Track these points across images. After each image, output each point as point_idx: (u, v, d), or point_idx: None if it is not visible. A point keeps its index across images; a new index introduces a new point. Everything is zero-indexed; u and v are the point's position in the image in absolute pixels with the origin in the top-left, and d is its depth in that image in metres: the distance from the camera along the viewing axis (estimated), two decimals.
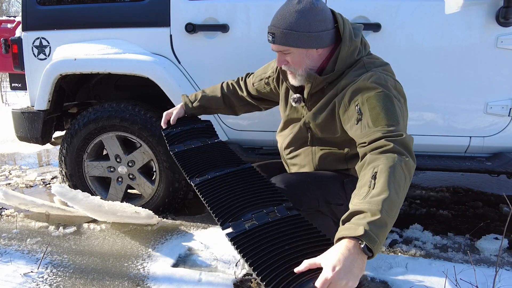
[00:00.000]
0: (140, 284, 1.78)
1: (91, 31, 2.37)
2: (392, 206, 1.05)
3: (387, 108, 1.28)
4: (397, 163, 1.13)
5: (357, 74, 1.40)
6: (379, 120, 1.26)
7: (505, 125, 2.04)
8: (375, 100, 1.30)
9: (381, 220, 1.00)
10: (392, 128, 1.23)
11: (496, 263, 1.73)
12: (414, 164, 1.20)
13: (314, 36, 1.38)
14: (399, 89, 1.39)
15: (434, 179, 3.34)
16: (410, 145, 1.22)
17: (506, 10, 1.86)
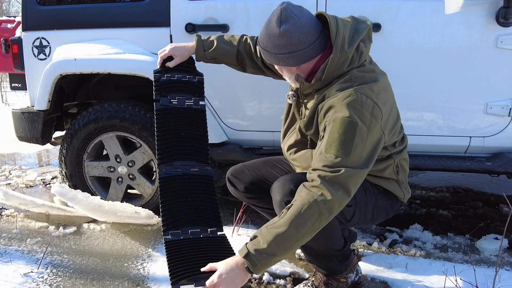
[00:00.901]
0: (140, 284, 1.78)
1: (91, 31, 2.37)
2: (286, 240, 1.27)
3: (344, 137, 1.31)
4: (314, 202, 1.27)
5: (341, 88, 1.38)
6: (331, 148, 1.32)
7: (505, 125, 2.04)
8: (338, 124, 1.33)
9: (266, 250, 1.27)
10: (338, 160, 1.30)
11: (496, 263, 1.73)
12: (339, 200, 1.28)
13: (283, 58, 1.41)
14: (375, 114, 1.35)
15: (434, 179, 3.34)
16: (345, 181, 1.29)
17: (506, 10, 1.86)
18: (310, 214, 1.27)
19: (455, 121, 2.09)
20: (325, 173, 1.30)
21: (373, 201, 1.58)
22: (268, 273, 1.83)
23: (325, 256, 1.61)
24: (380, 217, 1.65)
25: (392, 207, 1.66)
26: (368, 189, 1.56)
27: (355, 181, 1.32)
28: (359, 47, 1.42)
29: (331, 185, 1.28)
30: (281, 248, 1.28)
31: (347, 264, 1.65)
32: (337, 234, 1.58)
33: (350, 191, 1.31)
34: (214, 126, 2.32)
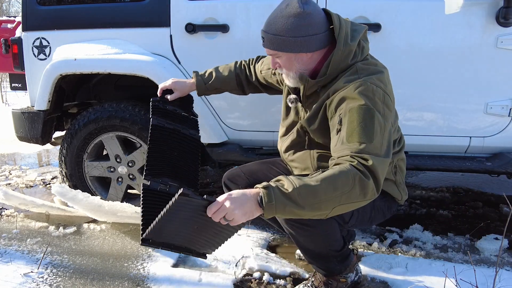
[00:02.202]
0: (140, 284, 1.78)
1: (91, 31, 2.37)
2: (311, 195, 1.16)
3: (364, 124, 1.29)
4: (353, 173, 1.20)
5: (348, 80, 1.38)
6: (353, 136, 1.28)
7: (505, 125, 2.04)
8: (356, 113, 1.31)
9: (288, 193, 1.14)
10: (363, 147, 1.26)
11: (496, 263, 1.73)
12: (372, 186, 1.22)
13: (300, 41, 1.38)
14: (387, 103, 1.36)
15: (434, 179, 3.34)
16: (375, 170, 1.23)
17: (506, 10, 1.86)
18: (345, 182, 1.18)
19: (455, 121, 2.09)
20: (354, 159, 1.23)
21: (371, 203, 1.56)
22: (268, 273, 1.83)
23: (324, 257, 1.61)
24: (377, 218, 1.65)
25: (390, 208, 1.66)
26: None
27: (382, 171, 1.26)
28: (360, 43, 1.44)
29: (363, 172, 1.22)
30: (301, 198, 1.15)
31: (347, 264, 1.65)
32: (336, 235, 1.58)
33: (380, 180, 1.24)
34: (214, 126, 2.32)
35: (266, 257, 1.97)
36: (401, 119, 1.84)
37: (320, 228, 1.50)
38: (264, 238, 2.21)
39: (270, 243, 2.18)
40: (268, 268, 1.87)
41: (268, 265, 1.88)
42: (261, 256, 1.97)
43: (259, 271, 1.85)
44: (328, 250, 1.58)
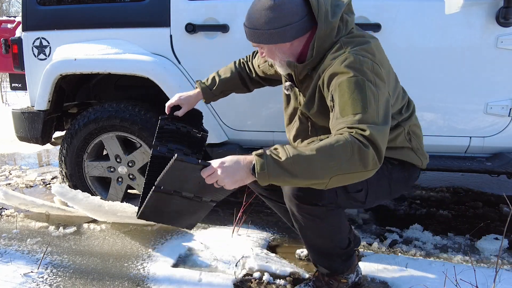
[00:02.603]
0: (140, 284, 1.78)
1: (91, 31, 2.37)
2: (304, 164, 1.16)
3: (356, 95, 1.26)
4: (351, 142, 1.17)
5: (335, 56, 1.37)
6: (346, 109, 1.26)
7: (505, 125, 2.04)
8: (345, 86, 1.29)
9: (281, 162, 1.16)
10: (358, 117, 1.23)
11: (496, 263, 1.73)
12: (373, 155, 1.19)
13: (276, 33, 1.39)
14: (376, 72, 1.32)
15: (434, 179, 3.34)
16: (374, 139, 1.19)
17: (506, 10, 1.86)
18: (342, 151, 1.16)
19: (455, 121, 2.09)
20: (351, 130, 1.22)
21: (386, 177, 1.54)
22: (268, 273, 1.83)
23: (329, 255, 1.61)
24: (399, 189, 1.63)
25: (411, 176, 1.63)
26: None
27: (382, 139, 1.23)
28: (343, 17, 1.42)
29: (362, 141, 1.19)
30: (296, 169, 1.16)
31: (349, 264, 1.65)
32: (343, 231, 1.58)
33: (380, 149, 1.21)
34: (214, 126, 2.32)
35: (266, 257, 1.97)
36: None
37: (328, 221, 1.50)
38: (264, 238, 2.20)
39: (270, 243, 2.18)
40: (268, 268, 1.87)
41: (268, 265, 1.88)
42: (261, 256, 1.97)
43: (259, 271, 1.85)
44: (333, 246, 1.58)
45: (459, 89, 2.05)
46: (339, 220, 1.55)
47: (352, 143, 1.18)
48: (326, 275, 1.66)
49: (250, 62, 1.88)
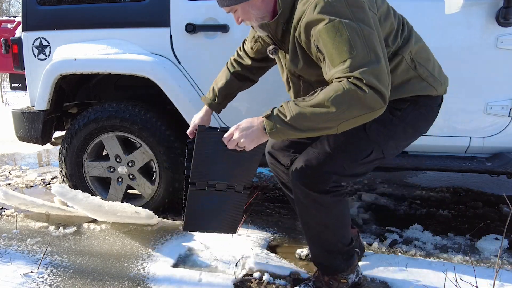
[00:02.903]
0: (140, 284, 1.78)
1: (91, 31, 2.37)
2: (308, 119, 1.24)
3: (338, 42, 1.22)
4: (347, 90, 1.19)
5: (304, 3, 1.32)
6: (333, 59, 1.24)
7: (505, 125, 2.04)
8: (324, 35, 1.25)
9: (287, 121, 1.26)
10: (348, 63, 1.20)
11: (496, 263, 1.73)
12: (372, 97, 1.18)
13: None
14: (350, 3, 1.25)
15: (434, 179, 3.34)
16: (370, 81, 1.18)
17: (506, 10, 1.86)
18: (341, 100, 1.19)
19: (455, 121, 2.09)
20: (344, 78, 1.21)
21: (400, 125, 1.50)
22: (268, 273, 1.83)
23: (331, 251, 1.61)
24: (421, 127, 1.57)
25: (430, 110, 1.56)
26: (386, 121, 1.46)
27: (378, 78, 1.20)
28: None
29: (359, 85, 1.19)
30: (302, 124, 1.26)
31: (350, 263, 1.66)
32: (346, 225, 1.59)
33: (380, 88, 1.19)
34: (214, 125, 2.31)
35: (266, 257, 1.97)
36: None
37: (333, 212, 1.53)
38: (264, 238, 2.20)
39: (270, 243, 2.18)
40: (268, 268, 1.87)
41: (268, 265, 1.88)
42: (261, 256, 1.97)
43: (259, 271, 1.85)
44: (336, 242, 1.59)
45: (459, 89, 2.04)
46: (343, 213, 1.56)
47: (349, 91, 1.18)
48: (326, 274, 1.66)
49: (242, 52, 1.83)
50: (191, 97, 2.27)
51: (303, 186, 1.50)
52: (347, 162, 1.48)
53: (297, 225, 2.42)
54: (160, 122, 2.33)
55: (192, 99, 2.27)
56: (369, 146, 1.47)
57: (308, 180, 1.49)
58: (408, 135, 1.55)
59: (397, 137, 1.52)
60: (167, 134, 2.33)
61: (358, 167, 1.52)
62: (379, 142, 1.48)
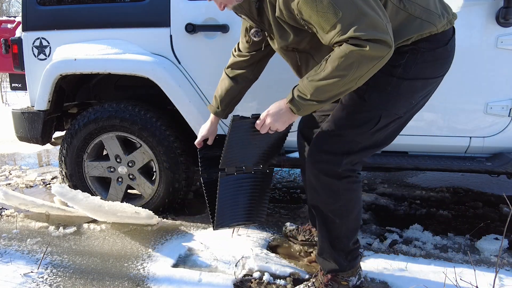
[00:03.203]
0: (140, 284, 1.78)
1: (91, 31, 2.37)
2: (326, 91, 1.30)
3: (320, 8, 1.23)
4: (347, 53, 1.21)
5: None
6: (323, 27, 1.25)
7: (505, 125, 2.04)
8: (305, 7, 1.25)
9: (308, 99, 1.32)
10: (339, 27, 1.22)
11: (496, 263, 1.73)
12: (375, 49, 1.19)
13: None
14: None
15: (434, 179, 3.34)
16: (366, 35, 1.18)
17: (506, 10, 1.85)
18: (348, 64, 1.23)
19: (455, 121, 2.09)
20: (341, 42, 1.23)
21: (404, 82, 1.42)
22: (268, 273, 1.83)
23: (335, 246, 1.60)
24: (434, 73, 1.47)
25: (440, 52, 1.44)
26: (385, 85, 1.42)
27: (374, 26, 1.20)
28: None
29: (359, 41, 1.20)
30: (322, 96, 1.31)
31: (353, 265, 1.64)
32: (356, 217, 1.59)
33: (377, 36, 1.19)
34: None
35: (266, 257, 1.97)
36: None
37: (343, 200, 1.54)
38: (264, 238, 2.20)
39: (270, 243, 2.18)
40: (268, 268, 1.87)
41: (268, 265, 1.88)
42: (261, 256, 1.97)
43: (259, 271, 1.85)
44: (342, 236, 1.58)
45: (459, 89, 2.04)
46: (353, 204, 1.56)
47: (352, 53, 1.21)
48: (327, 273, 1.65)
49: (237, 52, 1.81)
50: (191, 97, 2.27)
51: (315, 169, 1.52)
52: (357, 137, 1.47)
53: (297, 225, 2.42)
54: (160, 122, 2.33)
55: (192, 99, 2.27)
56: (375, 114, 1.44)
57: (319, 162, 1.51)
58: (419, 87, 1.47)
59: (406, 95, 1.46)
60: (167, 134, 2.33)
61: (371, 137, 1.49)
62: (384, 107, 1.44)
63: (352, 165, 1.53)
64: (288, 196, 2.99)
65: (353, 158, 1.51)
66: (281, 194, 3.04)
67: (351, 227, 1.60)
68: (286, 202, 2.85)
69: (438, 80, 1.52)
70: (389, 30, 1.23)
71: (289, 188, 3.19)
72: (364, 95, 1.43)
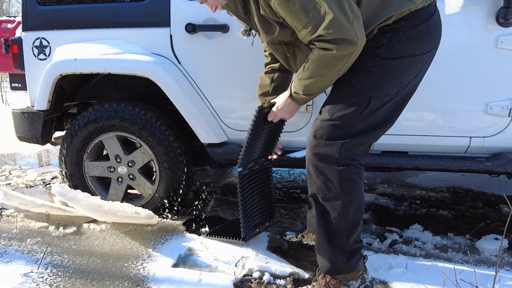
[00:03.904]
0: (140, 284, 1.78)
1: (91, 31, 2.37)
2: (315, 87, 1.50)
3: (293, 12, 1.38)
4: (321, 57, 1.39)
5: None
6: (296, 26, 1.41)
7: (505, 125, 2.04)
8: (280, 8, 1.40)
9: (302, 95, 1.54)
10: (310, 28, 1.37)
11: (496, 263, 1.73)
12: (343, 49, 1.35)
13: None
14: None
15: (434, 179, 3.34)
16: (333, 35, 1.33)
17: (506, 10, 1.86)
18: (325, 65, 1.41)
19: (455, 121, 2.09)
20: (313, 45, 1.40)
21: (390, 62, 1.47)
22: (268, 273, 1.83)
23: (333, 244, 1.57)
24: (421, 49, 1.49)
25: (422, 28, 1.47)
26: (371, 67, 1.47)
27: (339, 25, 1.33)
28: None
29: (327, 44, 1.36)
30: (314, 89, 1.51)
31: (352, 266, 1.59)
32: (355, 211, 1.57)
33: (343, 36, 1.34)
34: (214, 126, 2.32)
35: (266, 257, 1.97)
36: (401, 119, 1.83)
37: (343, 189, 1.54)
38: (264, 238, 2.20)
39: (270, 243, 2.18)
40: (268, 268, 1.87)
41: (268, 265, 1.88)
42: (261, 256, 1.97)
43: (259, 271, 1.85)
44: (340, 232, 1.56)
45: (459, 89, 2.05)
46: (352, 196, 1.55)
47: (322, 57, 1.39)
48: (324, 273, 1.63)
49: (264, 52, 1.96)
50: (191, 97, 2.27)
51: (312, 155, 1.56)
52: (351, 121, 1.51)
53: (297, 224, 2.42)
54: (160, 122, 2.33)
55: (192, 99, 2.27)
56: (365, 97, 1.49)
57: (315, 147, 1.54)
58: (406, 66, 1.49)
59: (394, 74, 1.48)
60: (167, 134, 2.33)
61: (366, 120, 1.51)
62: (373, 88, 1.49)
63: (352, 153, 1.53)
64: (288, 196, 2.99)
65: (351, 144, 1.52)
66: (281, 194, 3.04)
67: (351, 222, 1.56)
68: (286, 202, 2.85)
69: (426, 57, 1.54)
70: (355, 26, 1.35)
71: (289, 188, 3.19)
72: (352, 79, 1.50)
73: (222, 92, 2.31)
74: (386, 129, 1.60)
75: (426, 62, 1.57)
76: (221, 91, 2.30)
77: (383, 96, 1.50)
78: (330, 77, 1.45)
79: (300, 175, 3.52)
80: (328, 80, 1.47)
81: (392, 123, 1.61)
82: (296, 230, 2.35)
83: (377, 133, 1.57)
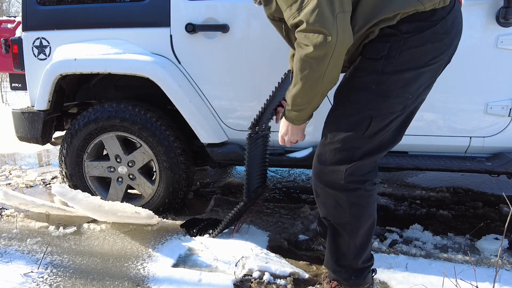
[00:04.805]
0: (140, 284, 1.78)
1: (91, 31, 2.37)
2: (304, 99, 1.39)
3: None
4: (300, 59, 1.30)
5: None
6: (282, 5, 1.33)
7: (505, 125, 2.04)
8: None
9: (293, 111, 1.46)
10: (294, 9, 1.27)
11: (496, 263, 1.73)
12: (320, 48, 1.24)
13: None
14: None
15: (434, 179, 3.34)
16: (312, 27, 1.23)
17: (506, 10, 1.85)
18: (305, 68, 1.30)
19: (455, 121, 2.09)
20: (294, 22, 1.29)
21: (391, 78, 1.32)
22: (269, 273, 1.83)
23: (340, 264, 1.55)
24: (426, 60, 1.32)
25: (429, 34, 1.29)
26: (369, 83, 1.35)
27: (323, 16, 1.21)
28: None
29: (305, 38, 1.26)
30: (301, 102, 1.41)
31: (360, 281, 1.56)
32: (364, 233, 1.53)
33: (321, 30, 1.22)
34: (214, 126, 2.32)
35: (266, 257, 1.97)
36: None
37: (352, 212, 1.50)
38: (264, 238, 2.20)
39: (270, 243, 2.18)
40: (268, 268, 1.87)
41: (268, 265, 1.88)
42: (261, 256, 1.97)
43: (259, 271, 1.85)
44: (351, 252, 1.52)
45: (459, 89, 2.04)
46: (362, 220, 1.50)
47: (301, 58, 1.29)
48: (332, 279, 1.62)
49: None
50: (191, 97, 2.27)
51: (319, 181, 1.50)
52: (354, 142, 1.39)
53: (297, 224, 2.42)
54: (160, 122, 2.33)
55: (192, 98, 2.27)
56: (365, 116, 1.36)
57: (321, 175, 1.49)
58: (411, 79, 1.32)
59: (396, 91, 1.33)
60: (167, 134, 2.33)
61: (371, 141, 1.39)
62: (374, 107, 1.34)
63: (360, 174, 1.44)
64: (288, 196, 2.99)
65: (357, 167, 1.43)
66: (281, 194, 3.04)
67: (360, 244, 1.52)
68: (286, 202, 2.85)
69: (435, 67, 1.36)
70: (338, 20, 1.22)
71: (289, 188, 3.19)
72: (350, 96, 1.38)
73: (222, 92, 2.31)
74: (395, 145, 1.49)
75: (436, 71, 1.40)
76: (221, 91, 2.30)
77: (386, 115, 1.36)
78: (315, 83, 1.30)
79: (300, 175, 3.52)
80: (314, 89, 1.32)
81: (401, 138, 1.49)
82: (296, 230, 2.35)
83: (385, 152, 1.48)
